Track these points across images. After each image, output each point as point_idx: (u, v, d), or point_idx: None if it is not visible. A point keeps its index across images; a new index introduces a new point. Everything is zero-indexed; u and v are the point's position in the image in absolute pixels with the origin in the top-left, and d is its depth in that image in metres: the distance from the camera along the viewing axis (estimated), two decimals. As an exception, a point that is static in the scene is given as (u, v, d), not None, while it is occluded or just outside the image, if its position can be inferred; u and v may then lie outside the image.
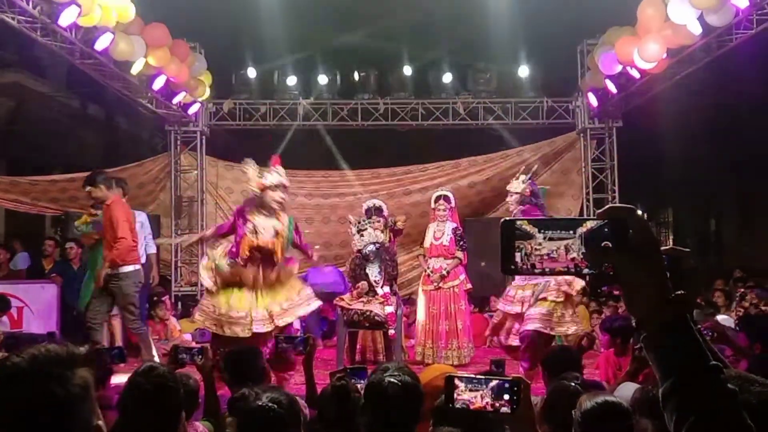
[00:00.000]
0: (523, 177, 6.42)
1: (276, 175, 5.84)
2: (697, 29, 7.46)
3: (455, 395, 1.74)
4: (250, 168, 5.88)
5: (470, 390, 1.73)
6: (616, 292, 1.16)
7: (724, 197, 17.51)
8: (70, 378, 1.23)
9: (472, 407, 1.73)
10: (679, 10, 7.42)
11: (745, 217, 17.19)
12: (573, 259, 1.10)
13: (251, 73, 11.47)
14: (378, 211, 7.80)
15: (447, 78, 11.48)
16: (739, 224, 17.68)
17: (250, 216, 5.79)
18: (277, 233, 5.80)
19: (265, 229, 5.77)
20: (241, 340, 5.52)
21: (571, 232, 1.10)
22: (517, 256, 1.11)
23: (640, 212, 1.10)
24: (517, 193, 6.34)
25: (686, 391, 1.05)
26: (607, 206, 1.13)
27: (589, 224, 1.10)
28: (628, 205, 1.12)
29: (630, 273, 1.09)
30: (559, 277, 5.74)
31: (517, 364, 6.24)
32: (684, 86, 9.63)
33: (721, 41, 7.85)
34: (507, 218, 1.14)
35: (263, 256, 5.76)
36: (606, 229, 1.09)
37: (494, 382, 1.73)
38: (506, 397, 1.72)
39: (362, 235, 7.50)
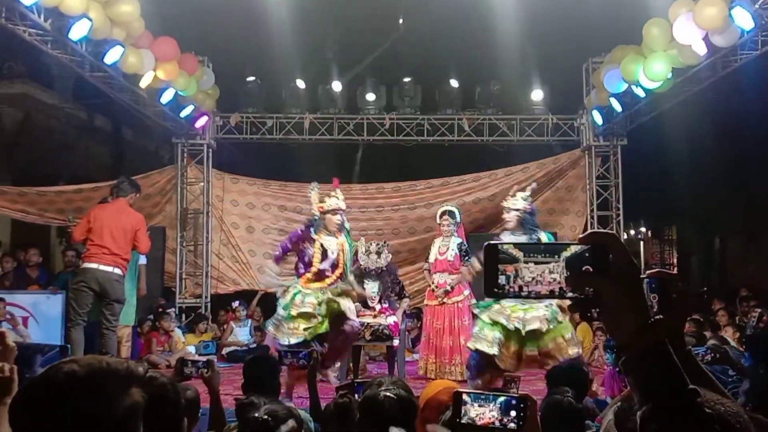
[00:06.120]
0: (522, 194, 6.28)
1: (335, 199, 6.27)
2: (702, 49, 7.49)
3: (462, 411, 1.76)
4: (314, 193, 6.33)
5: (478, 406, 1.75)
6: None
7: (729, 215, 17.51)
8: (122, 397, 1.20)
9: (479, 423, 1.75)
10: (684, 30, 7.45)
11: (750, 235, 17.19)
12: (557, 283, 1.11)
13: (258, 86, 11.54)
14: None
15: (452, 94, 11.53)
16: (744, 242, 17.67)
17: (317, 236, 6.24)
18: (340, 249, 6.30)
19: (330, 246, 6.25)
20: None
21: (556, 256, 1.11)
22: (502, 280, 1.12)
23: (622, 237, 1.12)
24: (516, 209, 6.20)
25: (664, 415, 1.05)
26: (588, 231, 1.15)
27: (573, 249, 1.11)
28: (609, 231, 1.14)
29: (610, 297, 1.10)
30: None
31: (531, 380, 6.27)
32: (689, 105, 9.67)
33: (726, 61, 7.89)
34: (491, 242, 1.16)
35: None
36: (587, 254, 1.10)
37: (501, 399, 1.75)
38: (513, 413, 1.74)
39: (368, 256, 7.52)
